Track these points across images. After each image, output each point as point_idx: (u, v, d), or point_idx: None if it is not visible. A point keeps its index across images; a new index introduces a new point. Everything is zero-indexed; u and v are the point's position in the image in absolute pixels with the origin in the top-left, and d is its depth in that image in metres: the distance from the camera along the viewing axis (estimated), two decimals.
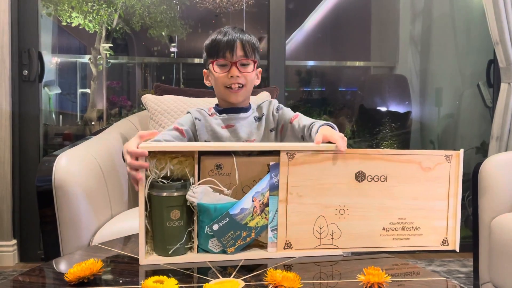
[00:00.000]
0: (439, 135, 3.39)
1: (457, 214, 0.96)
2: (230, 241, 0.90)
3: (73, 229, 1.26)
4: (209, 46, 1.24)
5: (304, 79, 4.18)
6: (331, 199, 0.91)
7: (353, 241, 0.91)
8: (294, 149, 0.90)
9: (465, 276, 2.07)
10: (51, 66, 3.79)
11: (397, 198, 0.94)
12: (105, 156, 1.49)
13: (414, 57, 3.74)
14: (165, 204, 0.89)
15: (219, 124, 1.24)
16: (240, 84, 1.22)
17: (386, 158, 0.93)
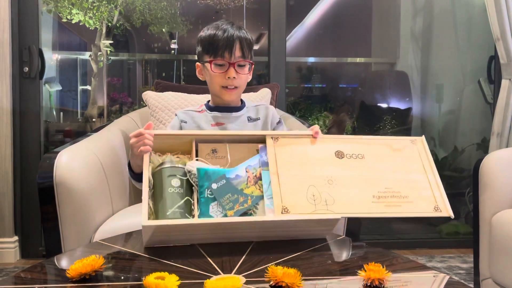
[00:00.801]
0: (439, 131, 3.39)
1: (439, 186, 1.00)
2: (229, 203, 0.94)
3: (74, 226, 1.26)
4: (206, 42, 1.22)
5: (304, 75, 4.17)
6: (318, 171, 0.98)
7: (347, 208, 0.94)
8: (277, 134, 1.04)
9: (465, 272, 2.07)
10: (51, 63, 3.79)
11: (377, 171, 1.01)
12: (106, 152, 1.49)
13: (415, 53, 3.73)
14: (166, 174, 0.97)
15: (208, 121, 1.25)
16: (236, 86, 1.22)
17: (359, 141, 1.05)
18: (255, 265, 0.81)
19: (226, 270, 0.78)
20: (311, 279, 0.75)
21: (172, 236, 0.91)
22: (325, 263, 0.84)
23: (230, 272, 0.77)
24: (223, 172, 0.99)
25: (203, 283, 0.69)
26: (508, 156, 1.52)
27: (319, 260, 0.85)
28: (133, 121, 1.84)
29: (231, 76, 1.20)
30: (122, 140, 1.67)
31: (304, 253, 0.89)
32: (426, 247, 2.51)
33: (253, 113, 1.30)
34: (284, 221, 0.91)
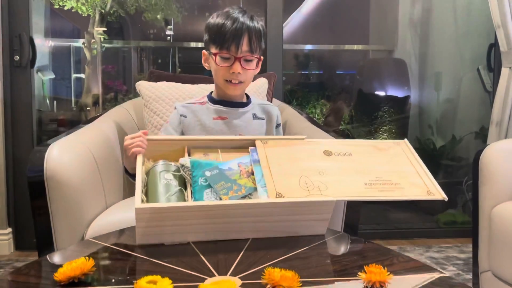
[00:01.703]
0: (437, 119, 3.36)
1: (428, 175, 1.01)
2: (223, 189, 0.93)
3: (66, 221, 1.23)
4: (213, 31, 1.16)
5: (301, 63, 4.12)
6: (308, 165, 0.99)
7: (341, 192, 0.94)
8: (266, 138, 1.06)
9: (463, 262, 2.06)
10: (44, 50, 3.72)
11: (366, 165, 1.02)
12: (99, 145, 1.45)
13: (413, 41, 3.68)
14: (159, 170, 0.96)
15: (210, 114, 1.21)
16: (241, 81, 1.18)
17: (346, 143, 1.08)
18: (251, 265, 0.78)
19: (221, 271, 0.75)
20: (310, 281, 0.72)
21: (165, 227, 0.88)
22: (323, 263, 0.81)
23: (226, 273, 0.75)
24: (216, 163, 0.98)
25: (197, 286, 0.67)
26: (509, 148, 1.49)
27: (317, 259, 0.83)
28: (127, 111, 1.80)
29: (236, 71, 1.15)
30: (116, 132, 1.63)
31: (301, 252, 0.86)
32: (423, 236, 2.50)
33: (259, 111, 1.26)
34: (280, 203, 0.90)
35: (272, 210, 0.90)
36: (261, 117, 1.25)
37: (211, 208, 0.88)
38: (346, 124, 3.63)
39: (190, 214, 0.88)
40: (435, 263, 2.04)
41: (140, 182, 0.91)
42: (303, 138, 1.07)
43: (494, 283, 1.43)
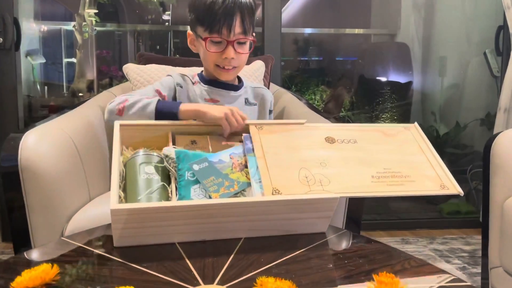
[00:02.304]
0: (441, 106, 3.25)
1: (442, 166, 0.91)
2: (213, 186, 0.83)
3: (44, 216, 1.13)
4: (201, 10, 1.02)
5: (301, 47, 3.99)
6: (308, 155, 0.88)
7: (345, 188, 0.84)
8: (261, 123, 0.95)
9: (468, 255, 1.97)
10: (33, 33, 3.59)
11: (373, 153, 0.91)
12: (82, 131, 1.35)
13: (416, 24, 3.55)
14: (139, 161, 0.85)
15: (202, 96, 1.10)
16: (234, 66, 1.07)
17: (350, 128, 0.98)
18: (242, 271, 0.68)
19: (207, 279, 0.65)
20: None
21: (146, 228, 0.78)
22: (325, 268, 0.71)
23: (212, 281, 0.65)
24: (204, 155, 0.87)
25: None
26: None
27: (318, 263, 0.73)
28: (114, 96, 1.68)
29: (229, 57, 1.03)
30: (102, 118, 1.52)
31: (300, 254, 0.76)
32: (426, 227, 2.41)
33: (251, 95, 1.15)
34: (276, 201, 0.79)
35: (268, 208, 0.80)
36: (253, 103, 1.15)
37: (198, 208, 0.77)
38: (347, 111, 3.52)
39: (175, 214, 0.77)
40: (439, 256, 1.95)
41: (117, 177, 0.80)
42: (302, 123, 0.96)
43: (506, 280, 1.34)
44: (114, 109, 0.98)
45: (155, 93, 1.05)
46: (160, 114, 0.95)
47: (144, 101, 0.97)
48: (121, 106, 0.97)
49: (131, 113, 0.96)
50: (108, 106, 1.00)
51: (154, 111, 0.95)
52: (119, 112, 0.97)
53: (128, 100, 0.98)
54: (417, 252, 2.00)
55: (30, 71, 3.47)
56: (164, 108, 0.96)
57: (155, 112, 0.95)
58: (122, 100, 0.99)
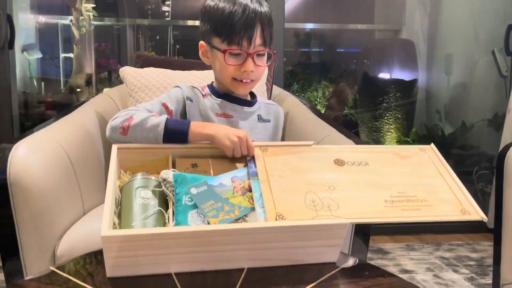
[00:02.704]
0: (446, 105, 3.18)
1: (463, 189, 0.84)
2: (212, 211, 0.77)
3: (34, 233, 1.07)
4: (218, 21, 0.94)
5: (303, 43, 3.91)
6: (315, 177, 0.82)
7: (356, 213, 0.77)
8: (266, 145, 0.90)
9: (476, 264, 1.92)
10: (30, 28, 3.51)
11: (386, 176, 0.85)
12: (76, 141, 1.28)
13: (422, 20, 3.47)
14: (135, 185, 0.80)
15: (213, 109, 1.02)
16: (252, 79, 0.99)
17: (361, 150, 0.92)
18: None
19: None
20: None
21: (141, 257, 0.72)
22: None
23: None
24: (204, 178, 0.81)
25: None
26: None
27: None
28: (112, 100, 1.62)
29: (248, 70, 0.96)
30: (98, 124, 1.46)
31: None
32: (431, 231, 2.35)
33: (264, 112, 1.07)
34: (280, 228, 0.73)
35: (271, 235, 0.74)
36: (267, 119, 1.07)
37: (195, 235, 0.71)
38: (350, 109, 3.45)
39: (171, 241, 0.71)
40: (446, 265, 1.89)
41: (110, 203, 0.74)
42: (310, 144, 0.90)
43: None
44: (117, 127, 0.89)
45: (161, 107, 0.97)
46: (168, 136, 0.87)
47: (152, 120, 0.88)
48: (125, 125, 0.88)
49: (137, 134, 0.88)
50: (111, 123, 0.91)
51: (162, 133, 0.87)
52: (123, 132, 0.88)
53: (134, 118, 0.89)
54: (423, 260, 1.94)
55: (26, 66, 3.40)
56: (173, 130, 0.87)
57: (163, 135, 0.87)
58: (127, 118, 0.89)
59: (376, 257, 1.96)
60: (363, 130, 3.33)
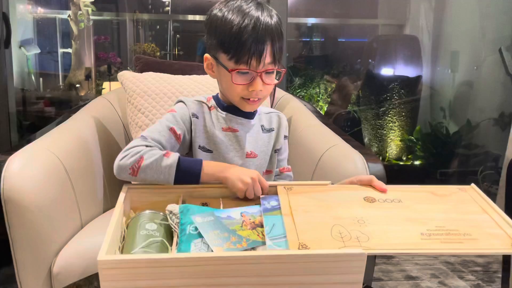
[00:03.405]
0: (451, 102, 3.13)
1: (511, 223, 0.74)
2: (217, 240, 0.72)
3: (30, 250, 1.03)
4: (225, 36, 0.88)
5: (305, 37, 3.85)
6: (343, 212, 0.76)
7: (388, 244, 0.70)
8: (290, 184, 0.84)
9: (482, 269, 1.89)
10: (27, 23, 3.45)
11: (422, 213, 0.77)
12: (72, 151, 1.24)
13: (427, 15, 3.40)
14: (142, 219, 0.76)
15: (219, 124, 0.97)
16: (260, 98, 0.94)
17: (393, 188, 0.83)
18: None
19: None
20: None
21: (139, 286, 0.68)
22: None
23: None
24: (211, 209, 0.76)
25: None
26: None
27: None
28: (110, 104, 1.57)
29: (256, 89, 0.90)
30: (95, 130, 1.42)
31: None
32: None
33: (266, 121, 1.03)
34: (300, 256, 0.65)
35: (289, 266, 0.66)
36: (270, 129, 1.03)
37: (196, 262, 0.65)
38: (353, 106, 3.40)
39: (170, 270, 0.66)
40: (452, 271, 1.86)
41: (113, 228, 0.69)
42: (326, 184, 0.85)
43: None
44: (126, 168, 0.83)
45: (170, 133, 0.92)
46: (179, 177, 0.82)
47: (163, 161, 0.83)
48: (135, 166, 0.83)
49: (147, 176, 0.83)
50: (119, 162, 0.85)
51: (173, 175, 0.82)
52: (132, 173, 0.83)
53: (144, 159, 0.83)
54: (428, 265, 1.91)
55: (24, 62, 3.35)
56: (185, 172, 0.83)
57: (174, 177, 0.82)
58: (137, 159, 0.83)
59: (380, 262, 1.92)
60: (366, 128, 3.28)
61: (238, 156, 0.97)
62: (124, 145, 1.55)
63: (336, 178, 1.14)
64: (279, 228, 0.73)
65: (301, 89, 3.52)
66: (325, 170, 1.20)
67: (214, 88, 1.44)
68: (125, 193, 0.80)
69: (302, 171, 1.06)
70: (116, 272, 0.65)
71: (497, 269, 1.88)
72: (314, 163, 1.23)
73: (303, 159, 1.26)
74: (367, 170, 1.11)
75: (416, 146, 3.09)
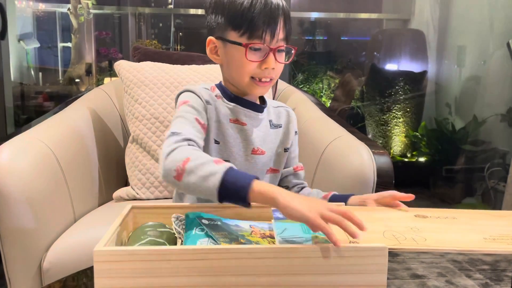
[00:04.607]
0: (457, 98, 3.07)
1: None
2: (224, 238, 0.66)
3: (19, 245, 0.98)
4: (236, 12, 0.83)
5: (308, 32, 3.79)
6: (395, 224, 0.69)
7: (450, 244, 0.64)
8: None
9: (490, 268, 1.83)
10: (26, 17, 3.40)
11: (481, 226, 0.70)
12: (65, 142, 1.19)
13: (432, 9, 3.34)
14: (145, 228, 0.70)
15: (226, 114, 0.89)
16: (272, 77, 0.87)
17: (446, 210, 0.76)
18: None
19: None
20: None
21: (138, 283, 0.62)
22: None
23: None
24: (219, 217, 0.71)
25: None
26: None
27: None
28: (107, 95, 1.52)
29: (269, 67, 0.85)
30: (91, 121, 1.37)
31: None
32: None
33: (275, 116, 0.96)
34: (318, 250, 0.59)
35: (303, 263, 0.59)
36: (279, 124, 0.96)
37: (201, 255, 0.59)
38: (357, 101, 3.34)
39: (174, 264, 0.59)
40: (459, 269, 1.81)
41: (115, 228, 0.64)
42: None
43: None
44: (171, 170, 0.70)
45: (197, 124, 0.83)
46: (225, 188, 0.66)
47: (209, 166, 0.68)
48: (180, 167, 0.70)
49: (191, 181, 0.68)
50: (164, 162, 0.72)
51: (217, 186, 0.66)
52: (177, 176, 0.70)
53: (190, 159, 0.70)
54: (435, 264, 1.85)
55: (23, 56, 3.30)
56: (232, 184, 0.66)
57: (218, 188, 0.66)
58: (182, 159, 0.70)
59: None
60: (370, 124, 3.22)
61: (242, 151, 0.91)
62: (121, 137, 1.51)
63: (341, 171, 1.09)
64: (292, 231, 0.66)
65: (303, 85, 3.47)
66: (330, 162, 1.14)
67: (214, 79, 1.39)
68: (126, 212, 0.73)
69: (305, 163, 1.00)
70: (112, 266, 0.59)
71: (505, 268, 1.83)
72: (318, 155, 1.18)
73: (307, 151, 1.21)
74: (373, 162, 1.06)
75: (421, 142, 3.03)
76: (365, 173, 1.05)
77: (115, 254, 0.58)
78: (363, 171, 1.05)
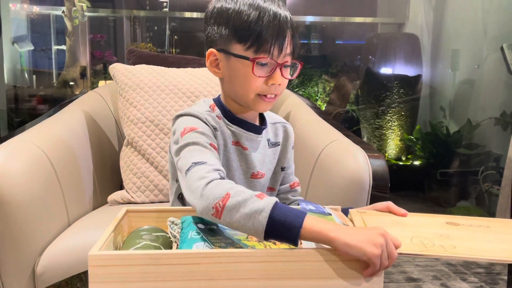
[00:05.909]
0: (451, 101, 3.09)
1: None
2: (220, 243, 0.66)
3: (13, 249, 0.97)
4: (244, 24, 0.79)
5: (304, 36, 3.80)
6: (425, 230, 0.69)
7: (480, 252, 0.63)
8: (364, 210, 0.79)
9: (485, 271, 1.83)
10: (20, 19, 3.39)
11: None
12: (60, 145, 1.18)
13: (426, 13, 3.36)
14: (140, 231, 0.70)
15: (229, 138, 0.86)
16: (277, 94, 0.84)
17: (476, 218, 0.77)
18: None
19: None
20: None
21: None
22: None
23: None
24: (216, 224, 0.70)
25: None
26: None
27: None
28: (101, 98, 1.52)
29: (276, 83, 0.81)
30: (85, 125, 1.36)
31: None
32: None
33: (272, 134, 0.94)
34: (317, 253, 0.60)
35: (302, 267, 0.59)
36: (276, 142, 0.94)
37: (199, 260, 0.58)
38: (352, 105, 3.35)
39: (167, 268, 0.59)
40: (454, 272, 1.81)
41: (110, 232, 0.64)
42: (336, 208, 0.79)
43: None
44: (209, 207, 0.65)
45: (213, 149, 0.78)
46: (272, 227, 0.61)
47: (253, 203, 0.63)
48: (220, 205, 0.64)
49: (233, 219, 0.63)
50: (200, 198, 0.66)
51: (264, 226, 0.61)
52: (216, 214, 0.64)
53: (231, 195, 0.64)
54: (429, 267, 1.86)
55: (17, 59, 3.29)
56: (280, 223, 0.61)
57: (265, 228, 0.61)
58: (221, 196, 0.65)
59: None
60: (365, 127, 3.23)
61: (243, 175, 0.89)
62: (115, 141, 1.50)
63: (337, 174, 1.09)
64: None
65: (299, 88, 3.47)
66: (325, 165, 1.14)
67: (210, 82, 1.38)
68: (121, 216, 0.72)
69: (301, 167, 1.00)
70: (107, 270, 0.59)
71: (500, 271, 1.83)
72: (314, 158, 1.18)
73: (302, 154, 1.20)
74: (369, 165, 1.06)
75: (416, 146, 3.04)
76: (361, 176, 1.04)
77: (110, 259, 0.58)
78: (359, 174, 1.05)
